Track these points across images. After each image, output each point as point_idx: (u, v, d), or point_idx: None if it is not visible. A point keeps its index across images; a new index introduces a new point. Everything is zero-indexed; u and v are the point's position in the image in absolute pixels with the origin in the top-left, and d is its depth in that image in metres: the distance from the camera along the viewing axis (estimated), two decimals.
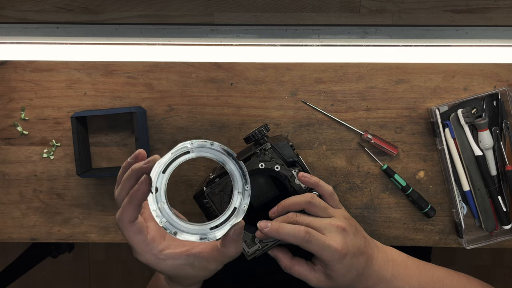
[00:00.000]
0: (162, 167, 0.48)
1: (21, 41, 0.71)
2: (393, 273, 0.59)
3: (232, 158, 0.50)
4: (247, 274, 0.81)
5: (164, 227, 0.48)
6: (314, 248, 0.53)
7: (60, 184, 0.74)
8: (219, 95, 0.73)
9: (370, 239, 0.60)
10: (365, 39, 0.71)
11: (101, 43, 0.72)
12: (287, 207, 0.56)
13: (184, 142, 0.48)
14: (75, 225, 0.75)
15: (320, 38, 0.71)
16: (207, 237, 0.49)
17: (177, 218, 0.49)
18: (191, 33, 0.71)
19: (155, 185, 0.48)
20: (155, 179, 0.48)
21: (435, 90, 0.72)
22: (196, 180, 0.74)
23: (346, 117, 0.72)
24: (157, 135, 0.73)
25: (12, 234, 0.75)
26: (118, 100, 0.73)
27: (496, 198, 0.71)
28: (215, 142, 0.49)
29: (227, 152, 0.50)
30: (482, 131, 0.70)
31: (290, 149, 0.59)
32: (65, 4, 0.71)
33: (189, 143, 0.48)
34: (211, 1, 0.70)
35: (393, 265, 0.60)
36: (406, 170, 0.73)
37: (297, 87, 0.72)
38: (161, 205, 0.48)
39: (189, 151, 0.49)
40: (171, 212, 0.49)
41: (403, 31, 0.70)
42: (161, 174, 0.48)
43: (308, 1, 0.69)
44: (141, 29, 0.71)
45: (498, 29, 0.70)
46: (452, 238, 0.74)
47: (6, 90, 0.73)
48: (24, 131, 0.74)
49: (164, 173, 0.48)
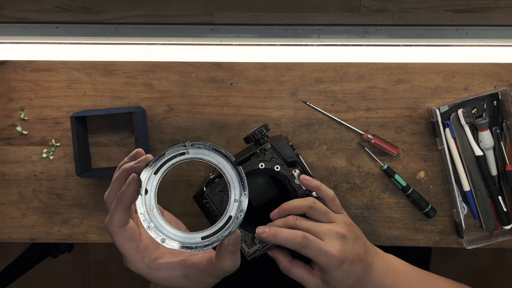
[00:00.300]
0: (154, 168, 0.45)
1: (21, 41, 0.71)
2: (392, 281, 0.59)
3: (230, 163, 0.46)
4: (247, 275, 0.81)
5: (151, 233, 0.45)
6: (312, 253, 0.53)
7: (60, 184, 0.74)
8: (219, 95, 0.72)
9: (371, 246, 0.60)
10: (365, 38, 0.70)
11: (101, 43, 0.71)
12: (288, 210, 0.56)
13: (180, 143, 0.45)
14: (75, 225, 0.75)
15: (320, 38, 0.71)
16: (197, 247, 0.45)
17: (167, 224, 0.45)
18: (191, 33, 0.71)
19: (145, 186, 0.44)
20: (146, 180, 0.44)
21: (435, 90, 0.72)
22: (196, 180, 0.74)
23: (346, 117, 0.72)
24: (157, 135, 0.73)
25: (11, 234, 0.75)
26: (118, 100, 0.73)
27: (497, 198, 0.70)
28: (212, 144, 0.46)
29: (225, 156, 0.46)
30: (483, 131, 0.69)
31: (290, 149, 0.59)
32: (65, 4, 0.71)
33: (185, 143, 0.45)
34: (211, 1, 0.70)
35: (393, 273, 0.59)
36: (407, 170, 0.73)
37: (297, 87, 0.72)
38: (150, 208, 0.45)
39: (185, 152, 0.45)
40: (161, 217, 0.45)
41: (404, 30, 0.70)
42: (152, 175, 0.45)
43: (308, 0, 0.69)
44: (140, 28, 0.71)
45: (499, 29, 0.70)
46: (452, 238, 0.74)
47: (5, 90, 0.73)
48: (24, 131, 0.73)
49: (156, 174, 0.45)
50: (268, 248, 0.57)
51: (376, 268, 0.58)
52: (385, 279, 0.58)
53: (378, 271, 0.58)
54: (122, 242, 0.46)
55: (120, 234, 0.46)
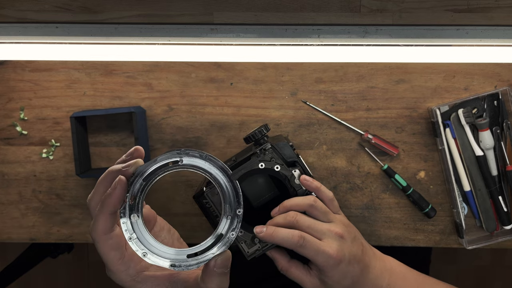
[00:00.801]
0: (144, 175, 0.41)
1: (20, 40, 0.71)
2: (389, 282, 0.59)
3: (226, 176, 0.42)
4: (247, 277, 0.81)
5: (132, 245, 0.41)
6: (309, 253, 0.53)
7: (59, 184, 0.74)
8: (219, 95, 0.72)
9: (368, 247, 0.60)
10: (365, 38, 0.70)
11: (101, 43, 0.71)
12: (289, 208, 0.56)
13: (173, 150, 0.42)
14: (75, 225, 0.75)
15: (320, 38, 0.71)
16: (181, 265, 0.41)
17: (151, 237, 0.41)
18: (191, 33, 0.70)
19: (131, 193, 0.41)
20: (132, 186, 0.41)
21: (435, 90, 0.71)
22: (196, 180, 0.74)
23: (347, 117, 0.72)
24: (157, 135, 0.73)
25: (11, 234, 0.75)
26: (118, 100, 0.73)
27: (497, 198, 0.70)
28: (209, 154, 0.42)
29: (221, 168, 0.42)
30: (483, 131, 0.69)
31: (290, 149, 0.59)
32: (65, 4, 0.71)
33: (180, 150, 0.42)
34: (210, 1, 0.70)
35: (390, 275, 0.59)
36: (407, 170, 0.72)
37: (297, 87, 0.72)
38: (134, 218, 0.41)
39: (178, 161, 0.42)
40: (145, 228, 0.41)
41: (404, 30, 0.70)
42: (140, 181, 0.41)
43: (308, 0, 0.69)
44: (140, 28, 0.71)
45: (499, 29, 0.69)
46: (452, 238, 0.73)
47: (5, 90, 0.73)
48: (23, 131, 0.73)
49: (145, 181, 0.41)
50: (268, 248, 0.57)
51: (374, 269, 0.58)
52: (382, 281, 0.58)
53: (375, 272, 0.58)
54: (106, 251, 0.42)
55: (104, 242, 0.42)
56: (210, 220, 0.59)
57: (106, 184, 0.42)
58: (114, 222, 0.42)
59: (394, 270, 0.60)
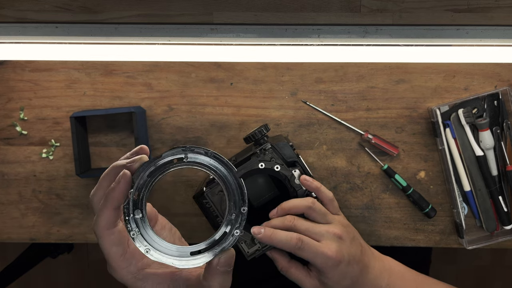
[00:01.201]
0: (148, 170, 0.41)
1: (20, 40, 0.71)
2: (388, 283, 0.59)
3: (232, 174, 0.42)
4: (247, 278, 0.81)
5: (135, 241, 0.40)
6: (308, 255, 0.53)
7: (59, 184, 0.74)
8: (219, 95, 0.72)
9: (367, 247, 0.60)
10: (365, 38, 0.70)
11: (101, 43, 0.71)
12: (287, 210, 0.56)
13: (178, 147, 0.41)
14: (74, 225, 0.75)
15: (320, 38, 0.71)
16: (184, 263, 0.41)
17: (154, 234, 0.41)
18: (191, 33, 0.70)
19: (136, 188, 0.40)
20: (137, 181, 0.40)
21: (435, 90, 0.71)
22: (196, 180, 0.74)
23: (347, 117, 0.72)
24: (157, 135, 0.73)
25: (11, 234, 0.75)
26: (118, 100, 0.73)
27: (497, 198, 0.70)
28: (214, 152, 0.42)
29: (226, 165, 0.42)
30: (483, 131, 0.69)
31: (290, 149, 0.59)
32: (65, 4, 0.70)
33: (185, 147, 0.41)
34: (210, 1, 0.70)
35: (390, 275, 0.60)
36: (407, 170, 0.72)
37: (297, 87, 0.72)
38: (138, 214, 0.40)
39: (183, 157, 0.41)
40: (148, 225, 0.41)
41: (404, 30, 0.70)
42: (145, 177, 0.41)
43: (308, 0, 0.69)
44: (140, 28, 0.71)
45: (499, 29, 0.69)
46: (452, 238, 0.73)
47: (5, 90, 0.73)
48: (23, 131, 0.73)
49: (149, 177, 0.41)
50: (268, 248, 0.57)
51: (373, 269, 0.58)
52: (381, 281, 0.58)
53: (374, 272, 0.58)
54: (108, 246, 0.42)
55: (107, 237, 0.41)
56: (210, 220, 0.59)
57: (110, 179, 0.41)
58: (118, 217, 0.42)
59: (393, 270, 0.60)
